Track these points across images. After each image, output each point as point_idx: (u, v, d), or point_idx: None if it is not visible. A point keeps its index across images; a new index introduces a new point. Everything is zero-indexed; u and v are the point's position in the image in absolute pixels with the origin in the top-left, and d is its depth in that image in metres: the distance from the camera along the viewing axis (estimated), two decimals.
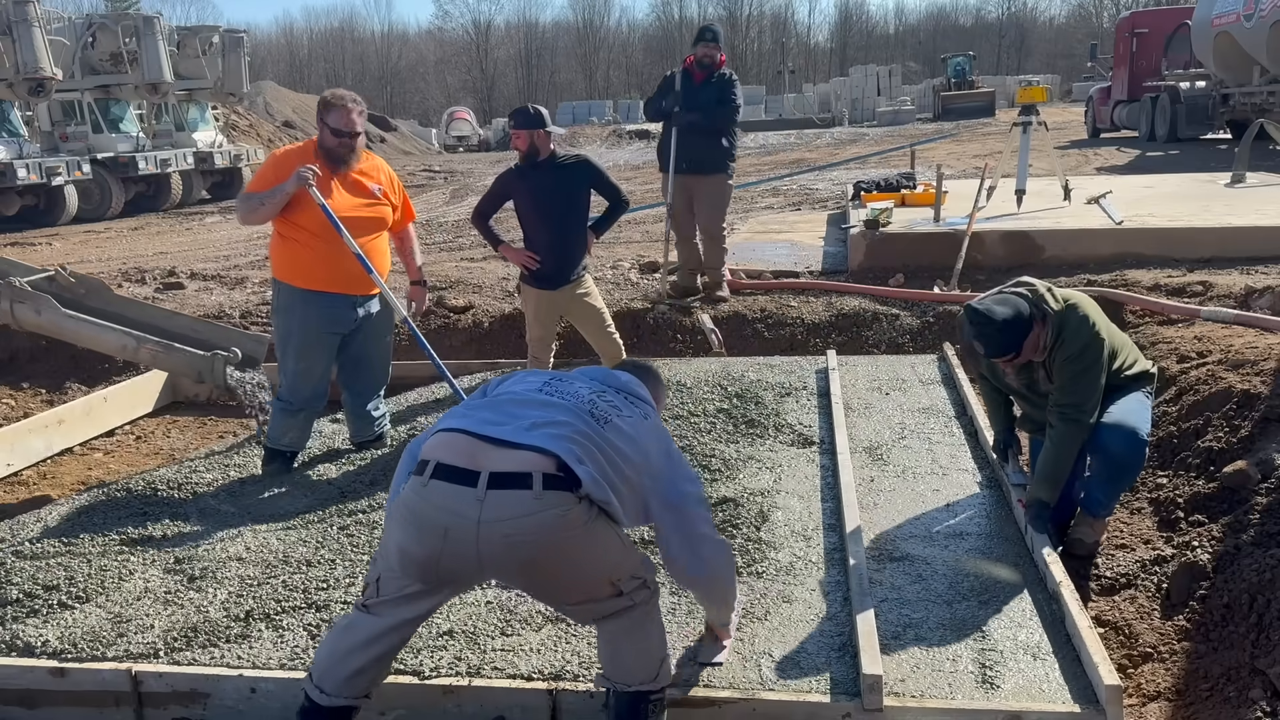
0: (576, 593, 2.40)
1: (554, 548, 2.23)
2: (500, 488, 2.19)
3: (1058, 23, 73.90)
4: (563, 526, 2.22)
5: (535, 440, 2.27)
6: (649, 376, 2.79)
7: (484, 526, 2.18)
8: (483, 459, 2.24)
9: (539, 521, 2.19)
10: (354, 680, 2.43)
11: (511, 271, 8.32)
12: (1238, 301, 5.79)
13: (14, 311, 5.10)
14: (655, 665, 2.48)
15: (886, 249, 7.48)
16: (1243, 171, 9.74)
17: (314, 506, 4.06)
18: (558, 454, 2.24)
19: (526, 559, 2.24)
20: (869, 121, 38.16)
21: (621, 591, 2.40)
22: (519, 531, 2.19)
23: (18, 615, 3.21)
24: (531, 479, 2.20)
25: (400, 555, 2.31)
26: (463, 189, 19.49)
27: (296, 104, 38.08)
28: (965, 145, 20.89)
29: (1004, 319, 3.22)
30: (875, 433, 4.61)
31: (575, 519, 2.24)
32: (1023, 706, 2.52)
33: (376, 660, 2.44)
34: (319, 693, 2.43)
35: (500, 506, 2.19)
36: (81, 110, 19.27)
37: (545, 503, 2.20)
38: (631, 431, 2.41)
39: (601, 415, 2.40)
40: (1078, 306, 3.34)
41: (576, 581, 2.37)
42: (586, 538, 2.28)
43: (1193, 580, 3.16)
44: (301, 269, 4.27)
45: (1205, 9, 16.59)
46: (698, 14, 73.09)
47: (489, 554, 2.22)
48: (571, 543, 2.25)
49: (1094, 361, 3.31)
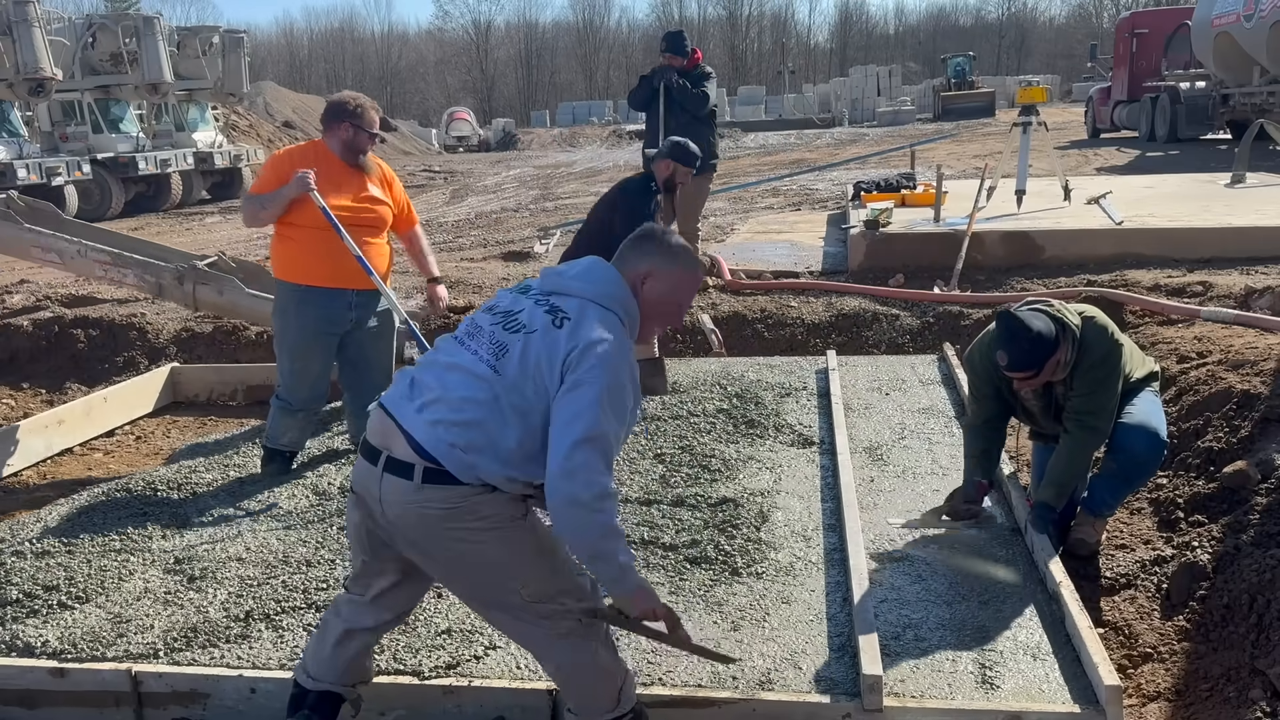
0: (478, 595, 2.34)
1: (437, 540, 2.23)
2: (391, 472, 2.22)
3: (1058, 23, 73.97)
4: (446, 518, 2.18)
5: (417, 428, 2.21)
6: (633, 245, 2.37)
7: (384, 504, 2.24)
8: (389, 439, 2.27)
9: (419, 512, 2.20)
10: (335, 661, 2.47)
11: (511, 271, 8.32)
12: (1238, 302, 5.79)
13: (196, 293, 5.65)
14: (613, 693, 2.35)
15: (886, 249, 7.48)
16: (1243, 172, 9.74)
17: (314, 506, 4.06)
18: (422, 445, 2.18)
19: (415, 544, 2.26)
20: (869, 122, 38.15)
21: (536, 614, 2.26)
22: (403, 516, 2.23)
23: (18, 615, 3.21)
24: (414, 470, 2.20)
25: (347, 523, 2.44)
26: (463, 189, 19.49)
27: (296, 104, 38.07)
28: (965, 145, 20.88)
29: (1038, 333, 3.16)
30: (875, 433, 4.61)
31: (467, 512, 2.18)
32: (1023, 707, 2.52)
33: (354, 639, 2.47)
34: (306, 676, 2.49)
35: (390, 490, 2.23)
36: (81, 110, 19.27)
37: (425, 495, 2.19)
38: (533, 355, 2.18)
39: (492, 356, 2.21)
40: (1095, 318, 3.35)
41: (473, 582, 2.30)
42: (480, 537, 2.20)
43: (1193, 580, 3.16)
44: (299, 265, 4.29)
45: (1205, 9, 16.59)
46: (698, 14, 73.25)
47: (392, 531, 2.27)
48: (460, 537, 2.20)
49: (1114, 369, 3.31)
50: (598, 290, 2.27)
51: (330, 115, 4.31)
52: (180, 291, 5.85)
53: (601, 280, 2.30)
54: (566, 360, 2.15)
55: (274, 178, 4.21)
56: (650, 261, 2.34)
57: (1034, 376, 3.27)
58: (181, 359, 6.82)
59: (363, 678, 2.56)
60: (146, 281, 5.78)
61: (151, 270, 5.78)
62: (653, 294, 2.33)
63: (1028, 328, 3.16)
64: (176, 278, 5.81)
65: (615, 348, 2.18)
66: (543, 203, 15.43)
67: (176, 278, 5.81)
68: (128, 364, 6.87)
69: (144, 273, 5.76)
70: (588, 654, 2.32)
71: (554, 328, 2.20)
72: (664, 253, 2.36)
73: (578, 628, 2.29)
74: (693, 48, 7.10)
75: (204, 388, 6.41)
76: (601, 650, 2.35)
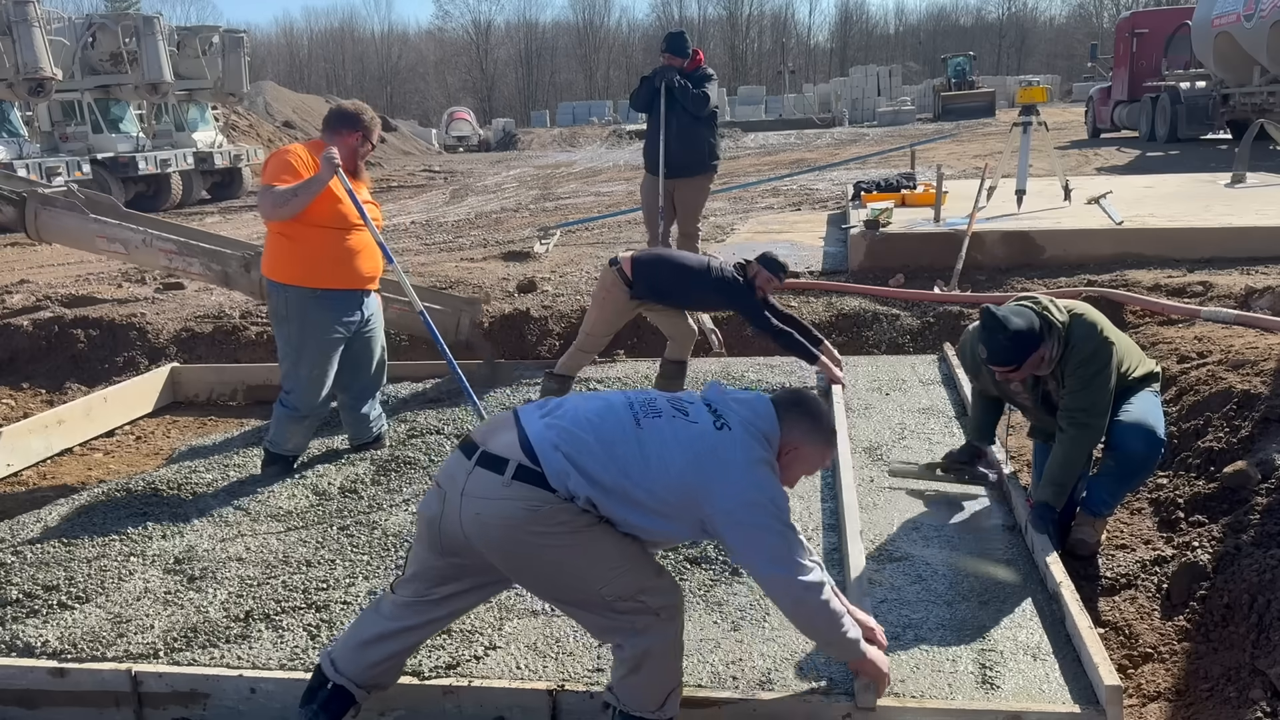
0: (559, 595, 2.39)
1: (519, 541, 2.25)
2: (485, 467, 2.27)
3: (1058, 23, 73.99)
4: (530, 521, 2.22)
5: (532, 424, 2.32)
6: (784, 407, 2.45)
7: (465, 499, 2.26)
8: (496, 433, 2.33)
9: (502, 509, 2.23)
10: (360, 659, 2.48)
11: (511, 271, 8.32)
12: (1238, 302, 5.79)
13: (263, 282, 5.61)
14: (660, 695, 2.40)
15: (887, 249, 7.48)
16: (1243, 172, 9.74)
17: (314, 506, 4.07)
18: (530, 439, 2.27)
19: (494, 543, 2.27)
20: (869, 122, 38.16)
21: (616, 610, 2.31)
22: (485, 513, 2.25)
23: (18, 615, 3.21)
24: (506, 465, 2.24)
25: (419, 517, 2.44)
26: (463, 189, 19.49)
27: (296, 104, 38.05)
28: (965, 145, 20.89)
29: (1016, 330, 3.17)
30: (875, 433, 4.61)
31: (548, 517, 2.23)
32: (1023, 707, 2.52)
33: (386, 642, 2.48)
34: (330, 664, 2.51)
35: (476, 484, 2.26)
36: (81, 110, 19.27)
37: (512, 492, 2.23)
38: (671, 437, 2.31)
39: (642, 412, 2.35)
40: (1084, 315, 3.35)
41: (555, 583, 2.35)
42: (563, 540, 2.25)
43: (1193, 580, 3.16)
44: (312, 267, 4.20)
45: (1205, 9, 16.59)
46: (698, 14, 73.24)
47: (469, 528, 2.28)
48: (543, 540, 2.24)
49: (1104, 366, 3.31)
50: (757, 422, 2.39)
51: (340, 122, 4.26)
52: (247, 280, 5.83)
53: (765, 417, 2.41)
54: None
55: (297, 168, 4.09)
56: (802, 435, 2.43)
57: (1015, 371, 3.29)
58: (181, 359, 6.82)
59: (383, 683, 2.56)
60: (212, 270, 5.71)
61: (218, 259, 5.70)
62: (793, 462, 2.45)
63: (1005, 325, 3.18)
64: (243, 265, 5.75)
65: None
66: (543, 203, 15.44)
67: (243, 265, 5.75)
68: (128, 364, 6.86)
69: (210, 261, 5.69)
70: (660, 648, 2.37)
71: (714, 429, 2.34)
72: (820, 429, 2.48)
73: (656, 622, 2.34)
74: (694, 49, 7.11)
75: (204, 388, 6.41)
76: (672, 649, 2.41)
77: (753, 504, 2.27)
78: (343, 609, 3.16)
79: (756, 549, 2.29)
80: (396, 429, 4.91)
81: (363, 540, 3.67)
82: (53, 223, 5.58)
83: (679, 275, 5.08)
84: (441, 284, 7.51)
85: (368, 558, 3.52)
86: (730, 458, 2.29)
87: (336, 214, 4.20)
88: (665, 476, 2.27)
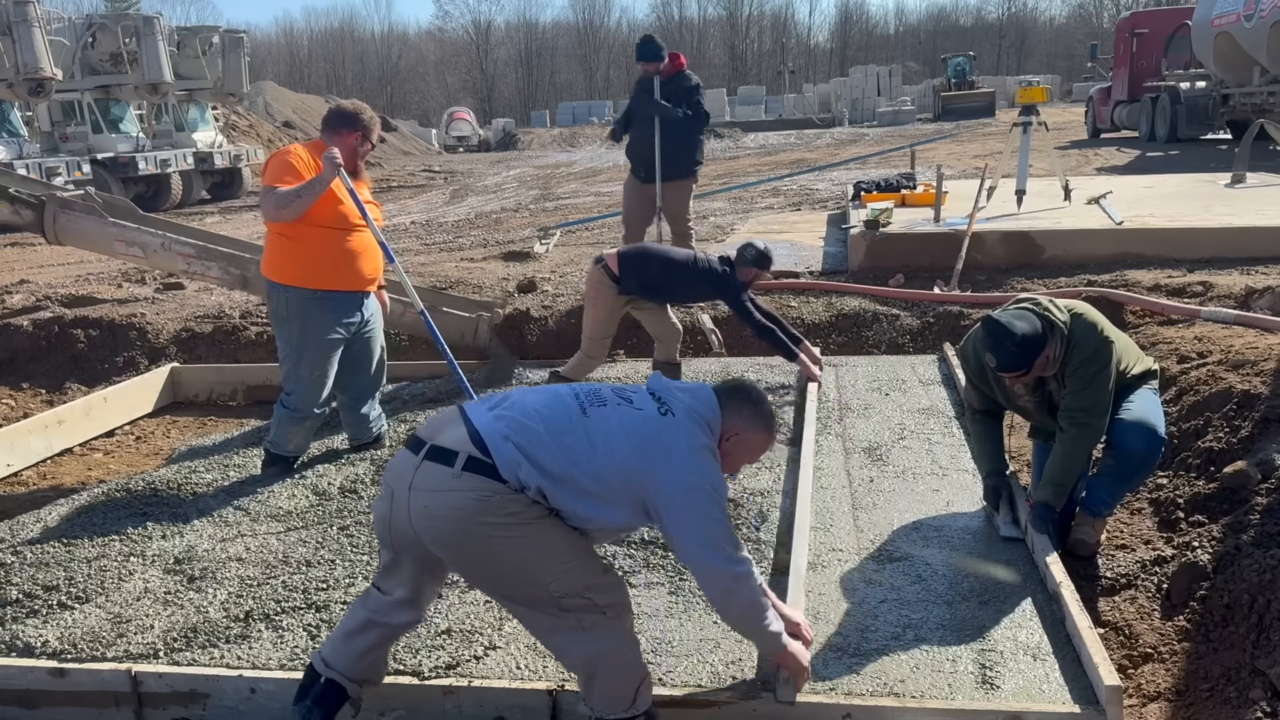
0: (508, 591, 2.38)
1: (469, 532, 2.25)
2: (433, 460, 2.28)
3: (1058, 23, 74.00)
4: (480, 511, 2.23)
5: (480, 417, 2.33)
6: (725, 394, 2.49)
7: (412, 493, 2.27)
8: (443, 429, 2.34)
9: (452, 500, 2.24)
10: (349, 650, 2.50)
11: (511, 271, 8.32)
12: (1238, 302, 5.79)
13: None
14: (629, 693, 2.39)
15: (886, 249, 7.48)
16: (1243, 172, 9.74)
17: (314, 506, 4.07)
18: (480, 431, 2.28)
19: (444, 536, 2.28)
20: (869, 122, 38.16)
21: (563, 608, 2.30)
22: (433, 505, 2.25)
23: (18, 615, 3.21)
24: (456, 458, 2.25)
25: (374, 520, 2.47)
26: (463, 189, 19.49)
27: (296, 104, 38.05)
28: (965, 145, 20.89)
29: (1023, 335, 3.17)
30: (875, 433, 4.61)
31: (498, 507, 2.23)
32: (1023, 707, 2.52)
33: (372, 630, 2.49)
34: (320, 660, 2.53)
35: (425, 477, 2.27)
36: (81, 110, 19.29)
37: (462, 483, 2.23)
38: (617, 424, 2.34)
39: (588, 402, 2.38)
40: (1084, 315, 3.35)
41: (504, 577, 2.34)
42: (513, 532, 2.24)
43: (1193, 580, 3.16)
44: (312, 267, 4.20)
45: (1205, 9, 16.59)
46: (698, 14, 73.27)
47: (418, 524, 2.28)
48: (492, 531, 2.24)
49: (1104, 365, 3.31)
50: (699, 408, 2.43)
51: (341, 122, 4.25)
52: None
53: (707, 404, 2.44)
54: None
55: (299, 169, 4.08)
56: (743, 422, 2.47)
57: (1025, 374, 3.29)
58: (181, 359, 6.82)
59: (371, 677, 2.57)
60: (231, 274, 5.67)
61: (236, 263, 5.65)
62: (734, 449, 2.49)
63: (1011, 332, 3.18)
64: None
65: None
66: (543, 203, 15.44)
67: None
68: (128, 364, 6.86)
69: (229, 265, 5.65)
70: (612, 648, 2.36)
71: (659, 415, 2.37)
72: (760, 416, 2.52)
73: (602, 620, 2.34)
74: (669, 52, 7.01)
75: (204, 388, 6.41)
76: (625, 646, 2.40)
77: (694, 489, 2.31)
78: (343, 609, 3.16)
79: (694, 534, 2.31)
80: (396, 429, 4.91)
81: (363, 540, 3.67)
82: (72, 226, 5.56)
83: (666, 268, 5.14)
84: (441, 284, 7.52)
85: (368, 558, 3.52)
86: (674, 443, 2.33)
87: (338, 215, 4.20)
88: (611, 463, 2.30)
